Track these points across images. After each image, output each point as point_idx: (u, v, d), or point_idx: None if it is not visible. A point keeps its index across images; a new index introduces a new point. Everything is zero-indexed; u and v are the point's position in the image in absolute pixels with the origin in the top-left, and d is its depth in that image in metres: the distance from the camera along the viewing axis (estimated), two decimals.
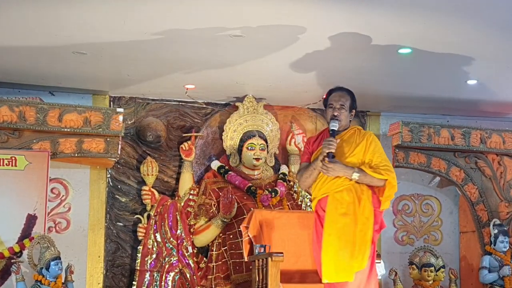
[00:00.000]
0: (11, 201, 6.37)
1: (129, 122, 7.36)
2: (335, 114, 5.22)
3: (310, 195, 5.36)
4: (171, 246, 6.96)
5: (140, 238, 7.08)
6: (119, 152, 6.87)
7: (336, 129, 5.17)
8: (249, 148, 7.29)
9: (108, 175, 7.26)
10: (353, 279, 5.07)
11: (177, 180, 7.38)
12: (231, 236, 6.94)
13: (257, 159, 7.28)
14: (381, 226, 5.29)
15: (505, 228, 7.35)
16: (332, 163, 5.10)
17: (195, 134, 7.44)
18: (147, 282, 6.90)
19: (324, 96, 5.48)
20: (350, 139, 5.27)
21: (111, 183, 7.27)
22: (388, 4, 5.09)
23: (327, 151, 5.09)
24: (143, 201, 7.20)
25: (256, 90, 7.33)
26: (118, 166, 7.27)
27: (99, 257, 7.11)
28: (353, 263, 5.06)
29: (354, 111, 5.37)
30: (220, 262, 6.93)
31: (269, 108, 7.64)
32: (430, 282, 7.23)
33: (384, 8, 5.14)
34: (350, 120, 5.37)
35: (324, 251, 5.10)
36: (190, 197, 7.18)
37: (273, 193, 7.15)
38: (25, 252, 6.24)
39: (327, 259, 5.08)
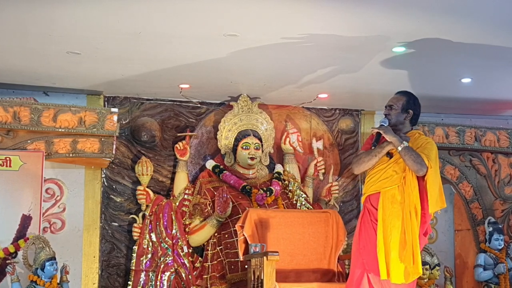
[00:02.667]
0: (6, 201, 6.36)
1: (124, 122, 7.36)
2: (384, 113, 5.55)
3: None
4: (166, 245, 6.96)
5: (135, 238, 7.08)
6: (113, 152, 6.87)
7: (385, 124, 5.42)
8: (244, 147, 7.29)
9: (103, 175, 7.25)
10: (406, 282, 5.20)
11: (172, 179, 7.38)
12: (226, 236, 6.94)
13: (252, 158, 7.27)
14: (426, 231, 5.39)
15: (500, 226, 7.38)
16: (384, 129, 5.38)
17: (190, 133, 7.43)
18: (142, 282, 6.89)
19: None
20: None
21: (106, 183, 7.27)
22: (382, 3, 5.10)
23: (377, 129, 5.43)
24: (138, 201, 7.19)
25: (250, 90, 7.34)
26: (113, 166, 7.26)
27: (94, 257, 7.10)
28: (408, 267, 5.18)
29: (410, 111, 5.54)
30: (215, 262, 6.93)
31: (263, 107, 7.64)
32: (425, 280, 7.24)
33: (378, 7, 5.15)
34: (409, 122, 5.56)
35: (379, 249, 5.21)
36: (185, 196, 7.18)
37: (268, 192, 7.14)
38: (20, 253, 6.24)
39: (381, 257, 5.20)
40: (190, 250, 7.05)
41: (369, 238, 5.28)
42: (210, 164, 7.40)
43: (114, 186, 7.29)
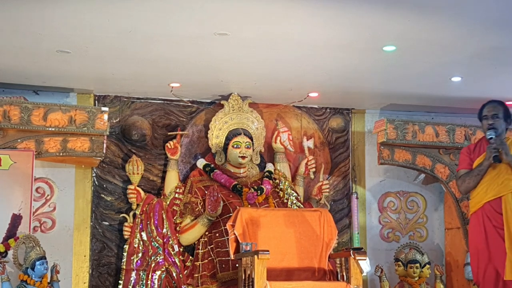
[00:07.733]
0: None
1: (114, 121, 7.35)
2: (490, 122, 5.64)
3: (468, 199, 5.89)
4: (157, 244, 6.95)
5: (126, 237, 7.07)
6: (104, 151, 6.85)
7: (493, 136, 5.56)
8: (235, 146, 7.29)
9: (94, 174, 7.24)
10: None
11: (163, 178, 7.37)
12: (217, 235, 6.94)
13: (243, 157, 7.27)
14: None
15: None
16: (500, 146, 5.51)
17: (181, 132, 7.43)
18: (133, 281, 6.88)
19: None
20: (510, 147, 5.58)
21: (96, 182, 7.25)
22: (373, 2, 5.10)
23: (493, 154, 5.50)
24: (129, 200, 7.18)
25: (241, 88, 7.33)
26: (104, 165, 7.25)
27: (84, 256, 7.09)
28: None
29: (509, 121, 5.74)
30: (206, 261, 6.93)
31: (254, 106, 7.64)
32: (416, 279, 7.26)
33: (368, 6, 5.16)
34: (506, 129, 5.74)
35: (509, 250, 5.36)
36: (176, 195, 7.17)
37: (259, 191, 7.14)
38: (10, 252, 6.21)
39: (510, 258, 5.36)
40: (181, 249, 7.05)
41: (497, 244, 5.42)
42: (201, 163, 7.40)
43: (104, 185, 7.27)
